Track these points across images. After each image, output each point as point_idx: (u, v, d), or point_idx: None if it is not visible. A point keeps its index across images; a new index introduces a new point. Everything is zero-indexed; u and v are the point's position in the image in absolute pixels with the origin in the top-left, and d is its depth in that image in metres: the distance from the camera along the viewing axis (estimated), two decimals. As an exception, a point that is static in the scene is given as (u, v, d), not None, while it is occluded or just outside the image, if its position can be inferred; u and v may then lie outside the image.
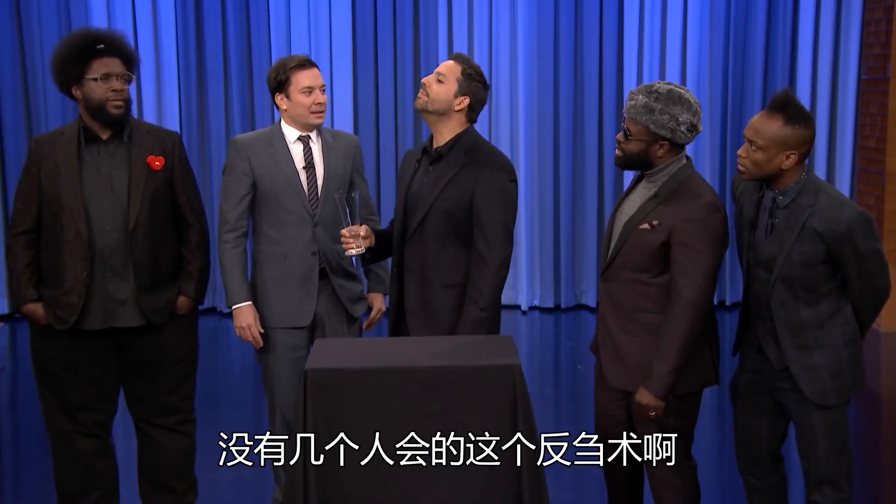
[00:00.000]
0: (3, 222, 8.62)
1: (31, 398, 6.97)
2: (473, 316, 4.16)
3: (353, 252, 4.19)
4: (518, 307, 9.06)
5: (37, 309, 4.38)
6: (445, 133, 4.25)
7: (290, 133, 4.59)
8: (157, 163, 4.36)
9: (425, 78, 4.28)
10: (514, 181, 4.25)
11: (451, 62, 4.27)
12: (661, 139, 3.77)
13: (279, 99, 4.55)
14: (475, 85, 4.25)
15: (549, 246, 9.09)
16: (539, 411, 3.97)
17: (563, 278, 9.09)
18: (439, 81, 4.22)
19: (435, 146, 4.27)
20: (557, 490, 4.97)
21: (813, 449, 3.87)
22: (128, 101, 4.33)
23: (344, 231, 4.18)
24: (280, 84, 4.52)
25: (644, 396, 3.76)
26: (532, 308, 9.09)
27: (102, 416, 4.54)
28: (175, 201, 4.46)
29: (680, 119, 3.73)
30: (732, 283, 9.11)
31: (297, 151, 4.60)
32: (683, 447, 3.91)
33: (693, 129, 3.77)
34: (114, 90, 4.26)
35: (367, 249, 4.24)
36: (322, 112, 4.56)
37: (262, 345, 4.61)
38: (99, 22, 8.66)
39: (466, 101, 4.24)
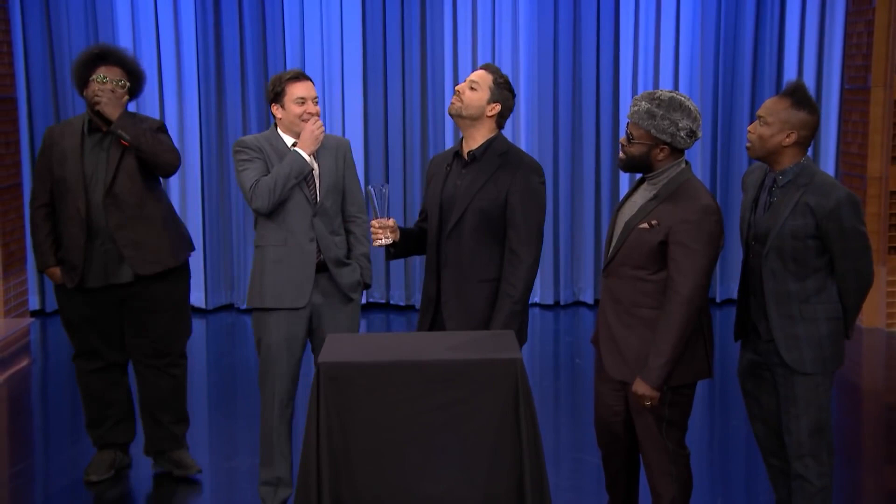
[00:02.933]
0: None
1: (61, 388, 7.03)
2: (507, 309, 4.19)
3: (381, 243, 4.17)
4: (519, 303, 9.02)
5: (56, 272, 5.07)
6: (478, 137, 4.28)
7: (287, 139, 4.67)
8: (124, 142, 4.91)
9: (459, 86, 4.30)
10: (544, 183, 4.31)
11: (483, 71, 4.30)
12: (661, 143, 3.80)
13: (275, 108, 4.65)
14: (505, 93, 4.28)
15: (548, 245, 9.06)
16: (539, 403, 3.97)
17: (563, 276, 9.08)
18: (472, 89, 4.25)
19: (467, 150, 4.30)
20: (557, 478, 4.97)
21: (795, 421, 3.93)
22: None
23: (374, 221, 4.18)
24: (276, 95, 4.62)
25: (640, 387, 3.76)
26: (533, 305, 9.07)
27: (114, 358, 5.21)
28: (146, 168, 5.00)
29: (680, 125, 3.76)
30: (722, 280, 9.09)
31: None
32: (677, 436, 3.92)
33: (692, 134, 3.80)
34: (103, 90, 4.89)
35: (392, 245, 4.23)
36: (314, 120, 4.64)
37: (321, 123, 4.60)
38: (124, 34, 8.70)
39: (498, 107, 4.27)
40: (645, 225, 3.80)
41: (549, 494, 3.63)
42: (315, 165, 4.65)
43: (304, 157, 4.56)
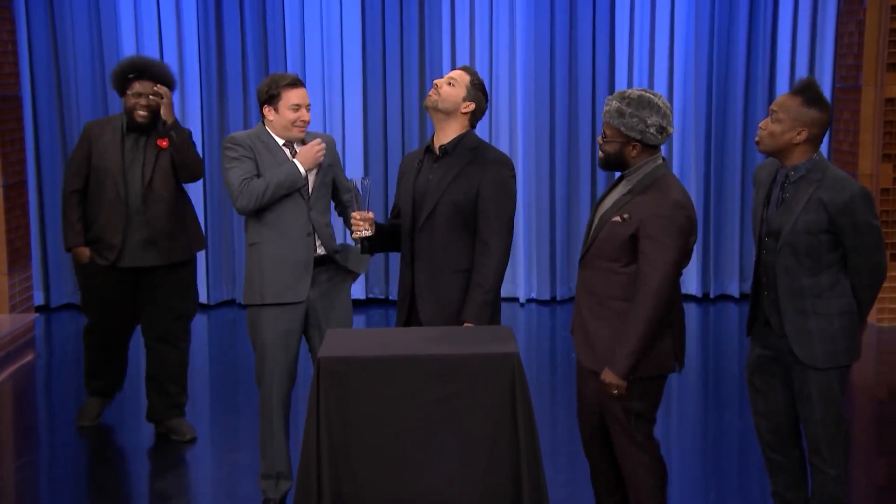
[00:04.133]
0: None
1: (65, 382, 7.00)
2: (479, 298, 4.21)
3: (361, 234, 4.18)
4: (516, 300, 9.03)
5: (85, 251, 5.54)
6: (449, 132, 4.31)
7: (277, 139, 4.66)
8: (163, 143, 5.48)
9: (437, 80, 4.33)
10: (514, 176, 4.35)
11: (462, 71, 4.36)
12: (633, 140, 3.79)
13: (267, 110, 4.62)
14: (479, 95, 4.34)
15: (545, 242, 9.06)
16: (536, 396, 3.94)
17: (559, 272, 9.06)
18: (450, 84, 4.30)
19: (438, 144, 4.32)
20: (553, 471, 4.95)
21: (811, 414, 3.94)
22: (153, 111, 5.47)
23: (355, 213, 4.18)
24: (271, 97, 4.59)
25: (608, 376, 3.77)
26: (529, 300, 9.06)
27: (121, 334, 5.78)
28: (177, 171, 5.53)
29: (648, 122, 3.75)
30: (717, 276, 9.07)
31: (286, 152, 4.66)
32: (645, 428, 3.89)
33: (662, 131, 3.78)
34: (140, 104, 5.46)
35: (367, 238, 4.23)
36: (304, 127, 4.64)
37: (323, 148, 4.60)
38: (127, 35, 8.69)
39: (472, 106, 4.32)
40: (617, 218, 3.80)
41: (545, 487, 3.62)
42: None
43: (300, 173, 4.55)
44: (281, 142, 4.64)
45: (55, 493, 5.21)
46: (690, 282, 9.05)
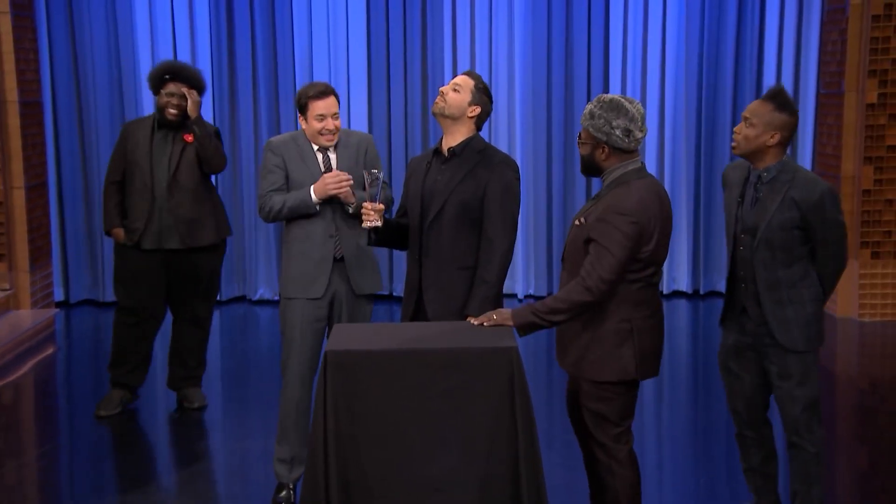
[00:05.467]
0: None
1: (84, 375, 7.03)
2: (483, 294, 4.22)
3: (371, 224, 4.19)
4: (515, 295, 9.05)
5: (119, 232, 5.91)
6: (457, 136, 4.32)
7: (312, 144, 4.72)
8: (189, 137, 5.86)
9: (443, 87, 4.34)
10: (519, 178, 4.36)
11: (466, 76, 4.36)
12: (601, 143, 3.75)
13: (301, 119, 4.72)
14: (484, 98, 4.34)
15: (542, 239, 9.09)
16: (534, 388, 3.96)
17: (556, 268, 9.07)
18: (455, 90, 4.30)
19: (447, 147, 4.34)
20: (550, 457, 4.97)
21: (791, 394, 4.04)
22: (183, 110, 5.87)
23: (366, 204, 4.20)
24: (301, 107, 4.68)
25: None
26: (528, 296, 9.08)
27: (151, 313, 6.00)
28: (201, 163, 5.88)
29: (613, 124, 3.70)
30: (706, 272, 9.09)
31: (319, 157, 4.71)
32: (610, 431, 3.83)
33: (629, 133, 3.71)
34: (172, 103, 5.84)
35: (374, 230, 4.26)
36: (332, 136, 4.67)
37: (351, 182, 4.60)
38: (143, 42, 8.74)
39: (478, 110, 4.32)
40: (577, 222, 3.80)
41: (542, 474, 3.62)
42: (335, 167, 4.69)
43: (312, 201, 4.60)
44: (315, 147, 4.70)
45: (75, 480, 5.24)
46: (681, 278, 9.08)
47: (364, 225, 4.22)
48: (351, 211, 4.60)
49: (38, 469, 5.30)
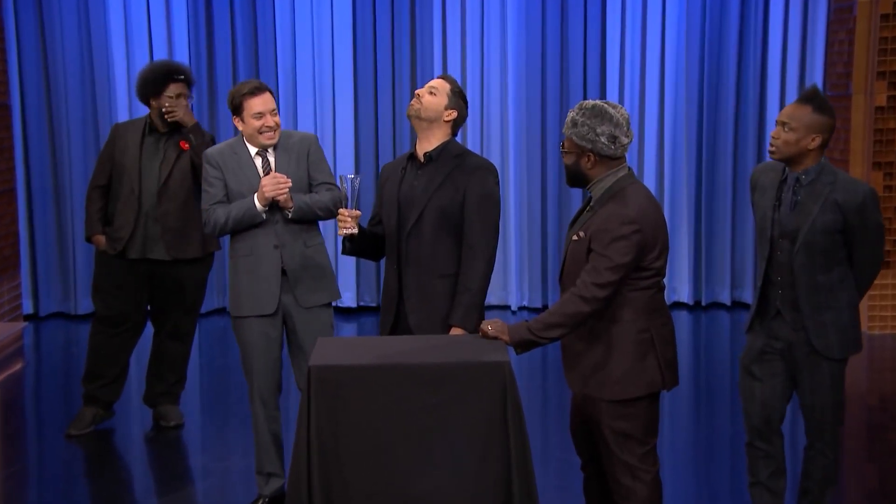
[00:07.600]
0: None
1: (53, 390, 7.00)
2: (467, 302, 4.25)
3: (347, 231, 4.19)
4: (508, 307, 9.05)
5: (101, 239, 5.81)
6: (433, 140, 4.35)
7: (251, 148, 4.73)
8: (185, 145, 5.75)
9: (419, 90, 4.37)
10: (498, 182, 4.39)
11: (442, 80, 4.39)
12: (586, 151, 3.74)
13: (236, 121, 4.71)
14: (461, 102, 4.38)
15: (536, 250, 9.09)
16: (528, 404, 3.95)
17: (550, 280, 9.08)
18: (431, 94, 4.33)
19: (422, 152, 4.35)
20: (545, 478, 4.96)
21: (822, 400, 4.13)
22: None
23: (343, 210, 4.19)
24: (235, 108, 4.68)
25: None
26: (521, 308, 9.08)
27: (132, 323, 5.91)
28: (195, 172, 5.67)
29: (598, 130, 3.69)
30: (708, 283, 9.10)
31: (258, 163, 4.72)
32: (637, 450, 3.81)
33: (614, 140, 3.71)
34: (180, 106, 5.72)
35: (349, 238, 4.25)
36: (273, 133, 4.67)
37: (289, 184, 4.59)
38: (117, 42, 8.72)
39: (454, 114, 4.35)
40: (575, 237, 3.79)
41: (536, 495, 3.62)
42: (272, 169, 4.69)
43: (257, 209, 4.61)
44: (254, 151, 4.70)
45: (43, 502, 5.21)
46: (682, 290, 9.09)
47: (340, 233, 4.21)
48: (290, 216, 4.61)
49: (3, 492, 5.26)
